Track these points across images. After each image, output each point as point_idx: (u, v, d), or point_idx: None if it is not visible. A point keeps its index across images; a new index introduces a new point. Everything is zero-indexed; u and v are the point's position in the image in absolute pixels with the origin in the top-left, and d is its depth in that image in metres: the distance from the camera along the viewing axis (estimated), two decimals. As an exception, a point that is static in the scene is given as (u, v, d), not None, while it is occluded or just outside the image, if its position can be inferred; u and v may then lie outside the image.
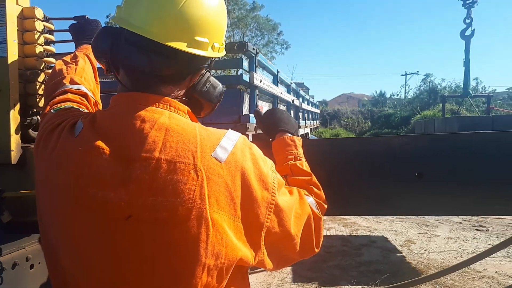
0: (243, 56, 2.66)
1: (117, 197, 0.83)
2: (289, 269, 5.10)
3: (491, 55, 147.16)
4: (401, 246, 6.11)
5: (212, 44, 0.99)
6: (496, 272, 4.76)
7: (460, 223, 7.28)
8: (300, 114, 6.13)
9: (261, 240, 0.91)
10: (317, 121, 9.14)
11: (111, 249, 0.84)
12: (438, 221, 7.41)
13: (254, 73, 2.56)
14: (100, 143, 0.88)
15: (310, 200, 1.11)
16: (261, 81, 2.69)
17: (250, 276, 5.27)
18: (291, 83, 4.62)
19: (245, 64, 2.64)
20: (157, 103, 0.93)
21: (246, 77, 2.57)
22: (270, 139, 1.34)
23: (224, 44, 1.06)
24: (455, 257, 5.31)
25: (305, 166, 1.23)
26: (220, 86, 1.12)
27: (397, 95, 43.94)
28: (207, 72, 1.08)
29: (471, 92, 11.78)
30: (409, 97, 38.96)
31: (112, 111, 0.96)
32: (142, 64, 0.94)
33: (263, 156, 0.99)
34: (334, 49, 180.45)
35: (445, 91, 29.98)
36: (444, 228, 7.00)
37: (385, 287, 2.30)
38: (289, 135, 1.31)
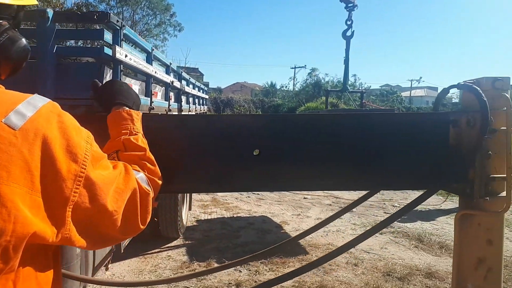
0: (104, 27, 2.46)
1: None
2: (164, 254, 5.02)
3: (369, 55, 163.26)
4: (276, 227, 6.47)
5: None
6: (354, 248, 5.34)
7: (330, 205, 7.98)
8: (183, 98, 6.01)
9: (66, 216, 0.83)
10: (205, 106, 9.09)
11: None
12: (311, 204, 8.03)
13: (117, 46, 2.38)
14: None
15: (140, 175, 1.06)
16: (126, 56, 2.53)
17: (121, 263, 5.01)
18: (171, 63, 4.46)
19: (108, 36, 2.45)
20: None
21: (108, 51, 2.38)
22: (106, 113, 1.25)
23: None
24: (321, 236, 5.80)
25: (141, 141, 1.17)
26: (22, 41, 0.99)
27: (286, 87, 46.67)
28: (7, 24, 0.95)
29: (349, 87, 13.00)
30: (297, 89, 41.57)
31: None
32: None
33: (76, 126, 0.90)
34: (230, 37, 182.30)
35: (328, 85, 32.65)
36: (315, 209, 7.61)
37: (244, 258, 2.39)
38: (127, 108, 1.23)
